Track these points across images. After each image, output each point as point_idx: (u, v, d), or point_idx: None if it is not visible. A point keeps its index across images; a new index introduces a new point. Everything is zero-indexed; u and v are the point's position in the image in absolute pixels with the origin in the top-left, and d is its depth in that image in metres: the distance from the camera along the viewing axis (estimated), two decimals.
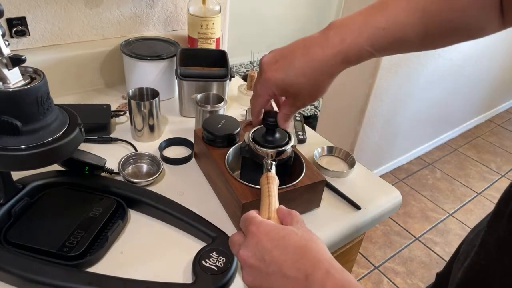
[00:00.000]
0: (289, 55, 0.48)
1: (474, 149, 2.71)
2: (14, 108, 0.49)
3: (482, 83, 2.58)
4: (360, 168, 0.81)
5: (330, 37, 0.45)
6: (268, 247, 0.38)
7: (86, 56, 0.94)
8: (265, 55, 0.51)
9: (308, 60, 0.46)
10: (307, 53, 0.46)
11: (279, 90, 0.50)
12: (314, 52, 0.46)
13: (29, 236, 0.55)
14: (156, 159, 0.74)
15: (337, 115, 2.00)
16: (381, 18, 0.43)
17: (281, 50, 0.50)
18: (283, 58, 0.48)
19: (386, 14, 0.43)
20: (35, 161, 0.51)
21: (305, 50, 0.47)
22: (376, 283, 1.72)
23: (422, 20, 0.42)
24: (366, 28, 0.44)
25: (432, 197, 2.24)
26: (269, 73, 0.49)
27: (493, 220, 0.40)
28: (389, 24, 0.43)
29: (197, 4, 0.97)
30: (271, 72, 0.49)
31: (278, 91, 0.50)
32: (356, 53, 0.45)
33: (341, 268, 0.37)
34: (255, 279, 0.39)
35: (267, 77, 0.49)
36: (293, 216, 0.43)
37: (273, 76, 0.49)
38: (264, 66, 0.50)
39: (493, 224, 0.40)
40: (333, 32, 0.45)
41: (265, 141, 0.59)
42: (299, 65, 0.47)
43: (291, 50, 0.48)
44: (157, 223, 0.64)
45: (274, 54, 0.50)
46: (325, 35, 0.46)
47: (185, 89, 0.88)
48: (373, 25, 0.43)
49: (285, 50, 0.49)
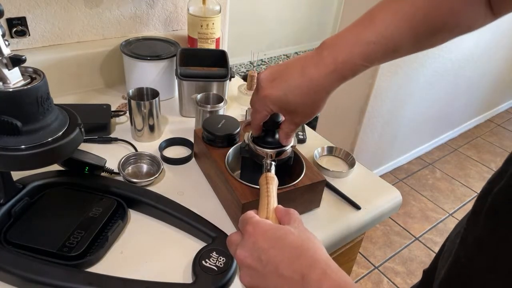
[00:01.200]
0: (286, 74, 0.49)
1: (474, 149, 2.71)
2: (14, 108, 0.49)
3: (482, 83, 2.58)
4: (360, 168, 0.81)
5: (324, 57, 0.47)
6: (264, 247, 0.39)
7: (86, 56, 0.94)
8: (261, 71, 0.52)
9: (305, 80, 0.48)
10: (303, 73, 0.48)
11: (276, 107, 0.51)
12: (310, 72, 0.47)
13: (29, 236, 0.55)
14: (156, 159, 0.74)
15: (337, 115, 2.00)
16: (371, 33, 0.44)
17: (278, 68, 0.51)
18: (280, 76, 0.50)
19: (374, 29, 0.44)
20: (35, 161, 0.51)
21: (301, 70, 0.48)
22: (376, 283, 1.72)
23: (411, 27, 0.43)
24: (357, 45, 0.45)
25: (432, 197, 2.24)
26: (267, 90, 0.50)
27: (471, 218, 0.40)
28: (379, 38, 0.44)
29: (197, 4, 0.97)
30: (268, 90, 0.50)
31: (276, 108, 0.52)
32: (350, 70, 0.46)
33: (338, 268, 0.37)
34: (252, 279, 0.39)
35: (264, 95, 0.51)
36: (290, 216, 0.43)
37: (270, 94, 0.50)
38: (261, 83, 0.51)
39: (471, 222, 0.40)
40: (327, 52, 0.47)
41: (264, 142, 0.59)
42: (295, 84, 0.48)
43: (288, 69, 0.50)
44: (157, 223, 0.64)
45: (271, 72, 0.51)
46: (319, 55, 0.47)
47: (185, 89, 0.88)
48: (364, 41, 0.44)
49: (282, 68, 0.50)
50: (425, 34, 0.44)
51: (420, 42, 0.45)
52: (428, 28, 0.44)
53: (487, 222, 0.37)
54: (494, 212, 0.36)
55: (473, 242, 0.39)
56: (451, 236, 0.52)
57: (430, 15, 0.43)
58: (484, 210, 0.38)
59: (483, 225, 0.38)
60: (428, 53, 1.89)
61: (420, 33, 0.44)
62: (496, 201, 0.36)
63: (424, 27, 0.43)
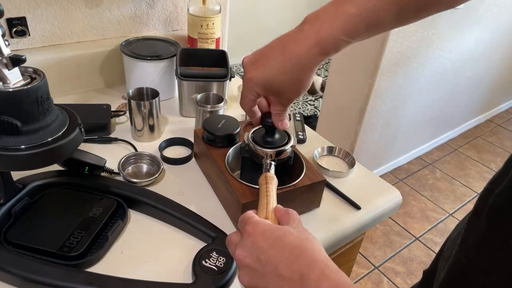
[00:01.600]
0: (267, 54, 0.49)
1: (474, 149, 2.71)
2: (14, 108, 0.49)
3: (482, 83, 2.58)
4: (360, 168, 0.81)
5: (304, 31, 0.46)
6: (263, 247, 0.39)
7: (86, 56, 0.94)
8: (246, 56, 0.51)
9: (286, 57, 0.47)
10: (284, 50, 0.47)
11: (262, 89, 0.50)
12: (291, 48, 0.46)
13: (29, 236, 0.55)
14: (156, 159, 0.74)
15: (337, 115, 2.00)
16: (352, 5, 0.43)
17: (260, 50, 0.50)
18: (262, 57, 0.49)
19: (357, 1, 0.43)
20: (35, 161, 0.51)
21: (283, 47, 0.47)
22: (376, 283, 1.72)
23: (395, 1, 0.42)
24: (338, 18, 0.44)
25: (432, 197, 2.24)
26: (250, 73, 0.50)
27: (472, 219, 0.40)
28: (361, 11, 0.43)
29: (197, 4, 0.97)
30: (251, 72, 0.49)
31: (261, 90, 0.50)
32: (331, 44, 0.45)
33: (337, 269, 0.37)
34: (251, 279, 0.39)
35: (248, 77, 0.50)
36: (290, 216, 0.43)
37: (253, 76, 0.49)
38: (245, 66, 0.51)
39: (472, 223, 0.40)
40: (307, 26, 0.46)
41: (264, 141, 0.59)
42: (277, 62, 0.47)
43: (270, 48, 0.49)
44: (157, 223, 0.64)
45: (254, 54, 0.50)
46: (300, 30, 0.46)
47: (185, 89, 0.88)
48: (345, 14, 0.43)
49: (264, 50, 0.50)
50: (409, 9, 0.43)
51: (402, 14, 0.44)
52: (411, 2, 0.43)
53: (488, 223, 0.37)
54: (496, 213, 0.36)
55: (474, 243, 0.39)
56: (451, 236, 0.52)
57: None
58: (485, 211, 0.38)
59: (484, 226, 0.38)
60: (428, 53, 1.89)
61: (403, 6, 0.43)
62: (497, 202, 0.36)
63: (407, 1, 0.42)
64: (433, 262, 0.56)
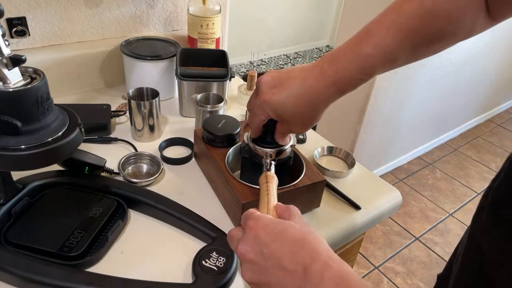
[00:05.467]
0: (287, 82, 0.50)
1: (474, 149, 2.71)
2: (14, 108, 0.49)
3: (482, 83, 2.58)
4: (360, 168, 0.81)
5: (324, 70, 0.48)
6: (266, 241, 0.39)
7: (86, 56, 0.94)
8: (262, 76, 0.53)
9: (305, 90, 0.49)
10: (304, 84, 0.49)
11: (274, 114, 0.52)
12: (311, 84, 0.48)
13: (29, 236, 0.55)
14: (156, 159, 0.74)
15: (337, 115, 2.00)
16: (368, 46, 0.45)
17: (280, 74, 0.51)
18: (282, 83, 0.50)
19: (371, 41, 0.45)
20: (35, 161, 0.51)
21: (303, 80, 0.49)
22: (376, 283, 1.72)
23: (406, 37, 0.44)
24: (355, 59, 0.46)
25: (432, 197, 2.24)
26: (267, 95, 0.51)
27: (476, 215, 0.42)
28: (377, 50, 0.45)
29: (197, 4, 0.97)
30: (268, 95, 0.51)
31: (273, 114, 0.52)
32: (348, 83, 0.47)
33: (339, 259, 0.37)
34: (254, 274, 0.39)
35: (264, 99, 0.51)
36: (291, 211, 0.44)
37: (270, 100, 0.51)
38: (262, 87, 0.52)
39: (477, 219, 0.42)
40: (327, 65, 0.48)
41: (264, 141, 0.59)
42: (296, 93, 0.49)
43: (290, 78, 0.50)
44: (157, 223, 0.64)
45: (273, 77, 0.51)
46: (320, 68, 0.48)
47: (185, 89, 0.88)
48: (361, 54, 0.46)
49: (284, 76, 0.51)
50: (422, 43, 0.45)
51: (418, 50, 0.46)
52: (424, 36, 0.44)
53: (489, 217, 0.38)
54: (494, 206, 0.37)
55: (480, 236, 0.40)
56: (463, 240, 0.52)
57: (425, 24, 0.43)
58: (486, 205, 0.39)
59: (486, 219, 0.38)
60: None
61: (416, 42, 0.44)
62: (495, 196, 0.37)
63: (420, 37, 0.44)
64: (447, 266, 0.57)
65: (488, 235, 0.38)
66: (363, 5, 1.67)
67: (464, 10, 0.43)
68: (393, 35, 0.44)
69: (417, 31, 0.44)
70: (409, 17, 0.43)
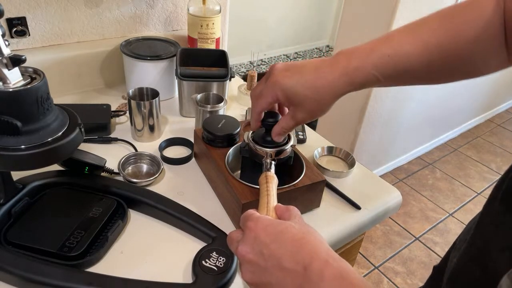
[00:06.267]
0: (300, 67, 0.51)
1: (474, 149, 2.71)
2: (14, 108, 0.49)
3: (482, 83, 2.58)
4: (360, 168, 0.81)
5: (339, 61, 0.49)
6: (266, 241, 0.39)
7: (86, 56, 0.94)
8: (277, 63, 0.53)
9: (317, 77, 0.49)
10: (317, 70, 0.50)
11: (283, 96, 0.52)
12: (324, 70, 0.49)
13: (29, 236, 0.55)
14: (156, 159, 0.74)
15: (337, 115, 2.00)
16: (387, 47, 0.47)
17: (293, 63, 0.52)
18: (295, 68, 0.51)
19: (391, 44, 0.46)
20: (35, 161, 0.51)
21: (316, 67, 0.50)
22: (376, 283, 1.72)
23: (425, 51, 0.45)
24: (372, 54, 0.47)
25: (432, 197, 2.24)
26: (279, 76, 0.51)
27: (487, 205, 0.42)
28: (394, 52, 0.46)
29: (197, 4, 0.97)
30: (281, 76, 0.51)
31: (282, 96, 0.52)
32: (361, 76, 0.48)
33: (339, 258, 0.37)
34: (254, 275, 0.39)
35: (275, 80, 0.51)
36: (291, 212, 0.44)
37: (282, 80, 0.51)
38: (275, 71, 0.52)
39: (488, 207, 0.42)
40: (342, 57, 0.49)
41: (264, 141, 0.59)
42: (309, 77, 0.50)
43: (303, 65, 0.51)
44: (157, 223, 0.64)
45: (286, 63, 0.53)
46: (335, 59, 0.49)
47: (185, 89, 0.88)
48: (379, 52, 0.47)
49: (297, 63, 0.52)
50: (438, 62, 0.46)
51: (432, 69, 0.46)
52: (442, 56, 0.45)
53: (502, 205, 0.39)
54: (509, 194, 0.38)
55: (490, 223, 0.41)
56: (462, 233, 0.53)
57: (444, 42, 0.44)
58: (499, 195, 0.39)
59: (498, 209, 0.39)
60: None
61: (433, 59, 0.45)
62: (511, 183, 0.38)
63: (438, 55, 0.45)
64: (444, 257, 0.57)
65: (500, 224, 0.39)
66: (363, 5, 1.67)
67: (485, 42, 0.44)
68: (412, 44, 0.45)
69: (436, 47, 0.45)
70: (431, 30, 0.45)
